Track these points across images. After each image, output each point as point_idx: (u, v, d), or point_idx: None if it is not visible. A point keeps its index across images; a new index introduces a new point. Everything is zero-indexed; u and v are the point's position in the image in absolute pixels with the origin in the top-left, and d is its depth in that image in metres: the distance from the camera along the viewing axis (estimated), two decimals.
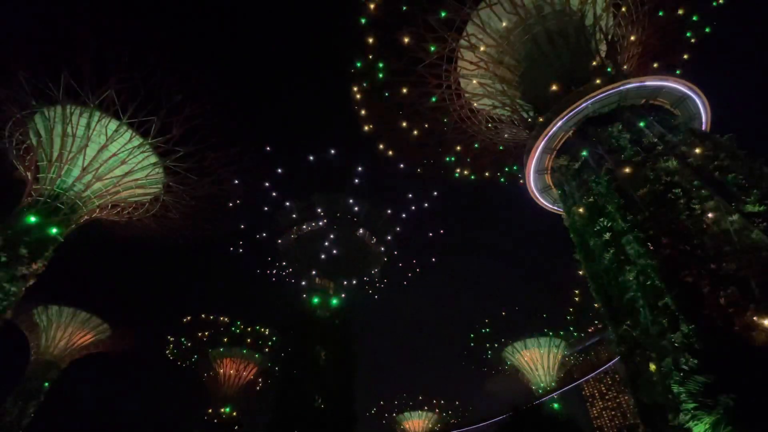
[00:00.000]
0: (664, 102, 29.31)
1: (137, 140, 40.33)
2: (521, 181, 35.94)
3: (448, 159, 46.44)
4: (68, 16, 35.88)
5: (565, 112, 29.61)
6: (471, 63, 37.02)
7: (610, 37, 34.32)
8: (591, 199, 27.39)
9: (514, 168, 48.21)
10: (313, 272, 62.09)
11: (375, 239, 66.08)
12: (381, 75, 38.45)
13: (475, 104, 41.34)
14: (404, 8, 35.15)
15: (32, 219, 36.17)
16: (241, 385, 79.02)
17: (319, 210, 62.96)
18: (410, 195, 62.98)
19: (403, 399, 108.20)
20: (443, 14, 34.87)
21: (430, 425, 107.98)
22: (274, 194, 60.97)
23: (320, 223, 63.00)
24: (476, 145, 45.11)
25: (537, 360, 78.60)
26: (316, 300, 58.47)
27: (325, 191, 63.00)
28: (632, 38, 35.66)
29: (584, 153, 29.20)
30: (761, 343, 17.33)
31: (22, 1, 36.77)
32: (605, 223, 25.61)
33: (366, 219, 64.60)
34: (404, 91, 39.31)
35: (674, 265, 20.79)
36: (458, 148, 44.97)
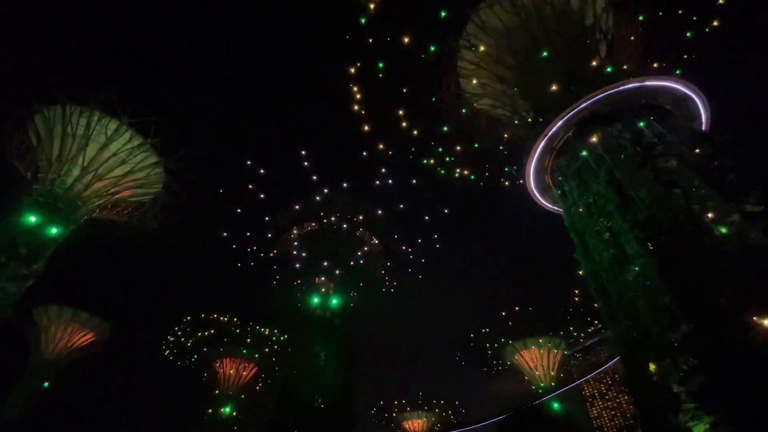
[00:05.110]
0: (664, 102, 29.31)
1: (137, 140, 40.32)
2: (519, 181, 35.97)
3: (448, 159, 46.42)
4: (69, 17, 35.92)
5: (565, 112, 29.62)
6: (471, 63, 37.04)
7: (610, 37, 34.33)
8: (591, 199, 27.42)
9: (515, 168, 48.21)
10: (314, 272, 62.06)
11: (375, 239, 66.08)
12: (381, 75, 38.42)
13: (475, 104, 41.34)
14: (404, 8, 35.17)
15: (32, 219, 36.16)
16: (241, 385, 79.02)
17: (319, 210, 62.91)
18: (411, 195, 62.99)
19: (403, 399, 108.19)
20: (443, 14, 34.90)
21: (430, 425, 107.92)
22: (274, 194, 60.96)
23: (320, 223, 62.97)
24: (476, 145, 45.09)
25: (537, 360, 78.55)
26: (316, 300, 58.46)
27: (326, 191, 62.95)
28: (632, 38, 35.66)
29: (584, 153, 29.21)
30: (761, 343, 17.33)
31: (24, 2, 36.75)
32: (605, 223, 25.63)
33: (366, 219, 64.57)
34: (404, 90, 39.30)
35: (674, 265, 20.79)
36: (458, 147, 44.95)
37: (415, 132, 42.92)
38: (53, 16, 35.78)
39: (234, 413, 76.25)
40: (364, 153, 58.63)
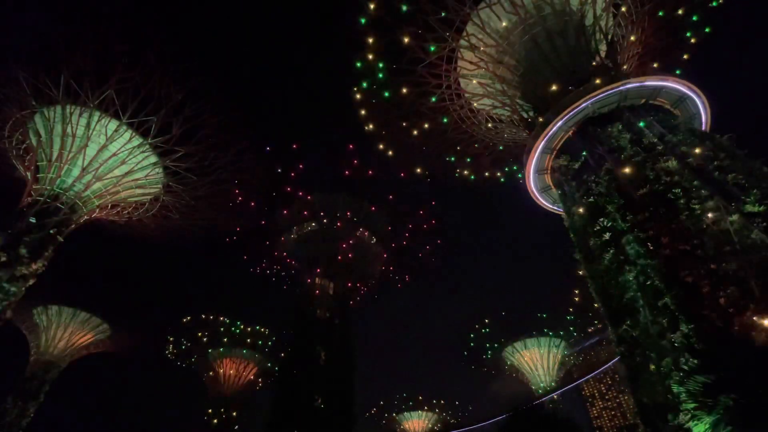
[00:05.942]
0: (664, 102, 29.30)
1: (137, 140, 40.34)
2: (521, 180, 35.94)
3: (448, 159, 46.44)
4: (68, 16, 35.87)
5: (565, 112, 29.59)
6: (471, 63, 37.03)
7: (610, 37, 34.32)
8: (591, 199, 27.36)
9: (514, 168, 48.24)
10: (313, 272, 62.09)
11: (375, 239, 66.11)
12: (381, 75, 38.45)
13: (475, 104, 41.34)
14: (404, 8, 35.15)
15: (32, 219, 36.16)
16: (241, 385, 79.03)
17: (319, 210, 62.95)
18: (410, 195, 63.01)
19: (403, 399, 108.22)
20: (443, 14, 34.88)
21: (430, 425, 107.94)
22: (274, 194, 60.97)
23: (320, 223, 63.00)
24: (476, 145, 45.12)
25: (537, 360, 78.61)
26: (317, 300, 58.51)
27: (325, 191, 63.00)
28: (632, 38, 35.66)
29: (584, 153, 29.20)
30: (761, 343, 17.31)
31: (22, 0, 36.73)
32: (605, 223, 25.59)
33: (366, 219, 64.60)
34: (404, 90, 39.30)
35: (674, 265, 20.77)
36: (458, 148, 44.97)
37: (415, 132, 42.97)
38: (53, 15, 35.74)
39: (234, 413, 76.26)
40: (363, 153, 58.75)
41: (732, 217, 20.70)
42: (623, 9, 34.71)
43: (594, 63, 32.59)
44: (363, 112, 42.21)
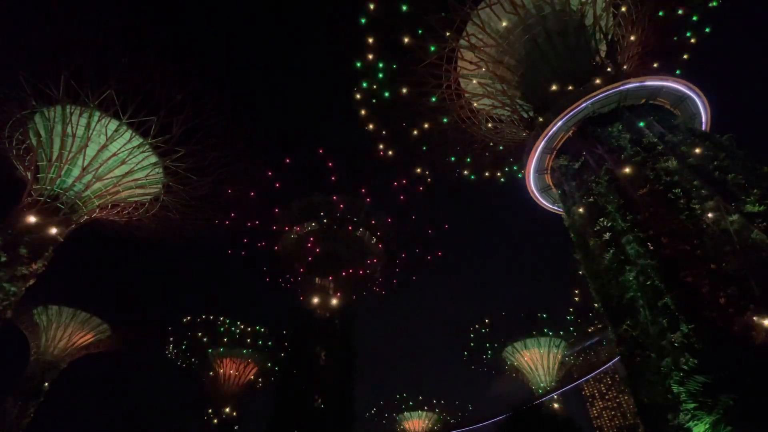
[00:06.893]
0: (664, 102, 29.34)
1: (137, 140, 40.29)
2: (521, 180, 35.94)
3: (448, 159, 46.43)
4: (68, 16, 35.84)
5: (565, 112, 29.63)
6: (471, 63, 37.04)
7: (610, 37, 34.35)
8: (591, 199, 27.40)
9: (514, 168, 48.23)
10: (313, 272, 62.09)
11: (375, 239, 66.09)
12: (381, 75, 38.46)
13: (475, 104, 41.35)
14: (404, 8, 35.15)
15: (32, 219, 36.16)
16: (241, 385, 79.02)
17: (319, 210, 62.95)
18: (410, 195, 62.97)
19: (403, 399, 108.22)
20: (443, 14, 34.89)
21: (430, 425, 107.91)
22: (274, 194, 60.98)
23: (320, 223, 63.00)
24: (476, 145, 45.13)
25: (537, 360, 78.58)
26: (317, 300, 58.48)
27: (325, 191, 63.00)
28: (632, 38, 35.67)
29: (584, 153, 29.22)
30: (761, 343, 17.33)
31: (23, 0, 36.75)
32: (605, 223, 25.62)
33: (366, 219, 64.60)
34: (404, 90, 39.29)
35: (674, 265, 20.81)
36: (458, 148, 44.98)
37: (415, 132, 42.96)
38: (52, 15, 35.71)
39: (234, 413, 76.26)
40: (364, 154, 58.73)
41: (732, 217, 20.72)
42: (623, 9, 34.73)
43: (594, 63, 32.63)
44: (363, 112, 42.16)
